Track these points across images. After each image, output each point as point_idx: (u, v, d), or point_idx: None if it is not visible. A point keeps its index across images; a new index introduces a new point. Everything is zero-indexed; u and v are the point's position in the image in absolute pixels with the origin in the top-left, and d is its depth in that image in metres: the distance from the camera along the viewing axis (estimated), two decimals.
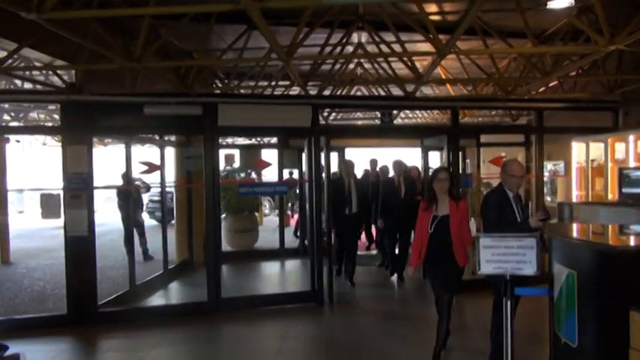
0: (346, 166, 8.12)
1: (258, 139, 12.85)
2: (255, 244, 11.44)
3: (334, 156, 9.59)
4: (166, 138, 8.89)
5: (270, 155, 11.21)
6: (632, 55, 6.57)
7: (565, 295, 2.96)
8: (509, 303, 3.26)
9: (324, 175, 7.15)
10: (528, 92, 8.61)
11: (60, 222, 17.24)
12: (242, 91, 9.01)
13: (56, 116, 12.88)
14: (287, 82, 9.42)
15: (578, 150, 7.95)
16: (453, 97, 9.32)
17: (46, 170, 18.23)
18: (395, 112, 9.90)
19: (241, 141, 12.88)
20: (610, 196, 6.82)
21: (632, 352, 2.44)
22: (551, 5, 5.01)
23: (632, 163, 6.50)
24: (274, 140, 10.88)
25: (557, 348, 3.17)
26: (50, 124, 13.12)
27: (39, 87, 7.37)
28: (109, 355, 5.43)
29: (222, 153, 10.70)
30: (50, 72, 6.45)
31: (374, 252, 9.68)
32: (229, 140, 12.35)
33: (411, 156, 10.57)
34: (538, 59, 6.83)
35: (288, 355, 5.07)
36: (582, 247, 2.96)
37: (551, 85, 8.54)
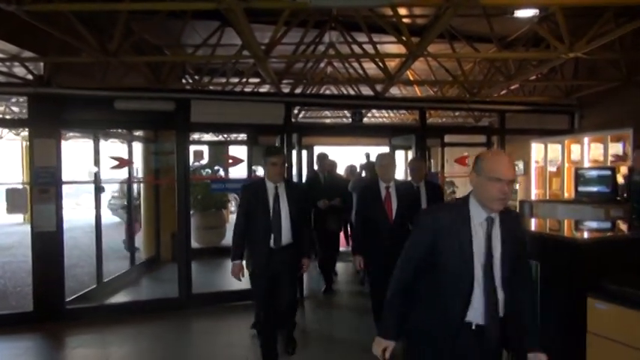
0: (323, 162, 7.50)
1: (226, 135, 12.82)
2: (222, 241, 11.43)
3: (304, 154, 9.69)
4: (134, 133, 8.78)
5: (238, 152, 11.18)
6: (588, 62, 6.97)
7: None
8: None
9: (295, 172, 7.24)
10: (491, 95, 8.98)
11: (18, 218, 16.65)
12: (211, 87, 9.00)
13: (15, 109, 12.44)
14: (257, 80, 9.49)
15: (537, 151, 8.35)
16: (421, 98, 9.60)
17: (3, 164, 17.58)
18: (364, 110, 10.09)
19: (208, 137, 12.81)
20: (566, 195, 7.20)
21: (590, 336, 2.67)
22: (517, 14, 5.28)
23: (586, 164, 6.90)
24: (243, 137, 10.87)
25: None
26: (8, 116, 12.64)
27: (0, 79, 7.17)
28: (78, 352, 5.36)
29: (191, 149, 10.62)
30: (14, 64, 6.25)
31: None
32: (195, 136, 12.26)
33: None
34: (502, 64, 7.15)
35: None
36: (545, 239, 3.19)
37: (512, 88, 8.90)
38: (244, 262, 4.28)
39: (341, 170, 8.68)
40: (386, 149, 9.36)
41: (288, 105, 6.98)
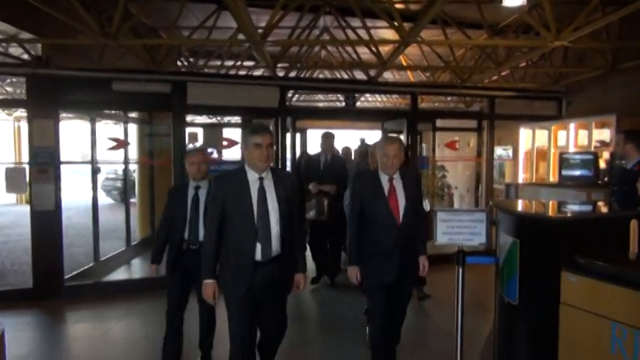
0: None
1: (219, 118, 12.91)
2: None
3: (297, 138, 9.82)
4: (129, 115, 8.86)
5: (232, 134, 11.31)
6: (576, 50, 7.14)
7: (509, 260, 3.39)
8: (461, 271, 3.65)
9: (289, 155, 7.39)
10: (482, 80, 9.15)
11: (11, 198, 16.68)
12: (207, 70, 9.07)
13: (9, 89, 12.43)
14: (252, 63, 9.58)
15: (525, 136, 8.56)
16: (413, 83, 9.75)
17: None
18: (357, 95, 10.22)
19: (201, 119, 12.90)
20: (552, 179, 7.43)
21: (563, 307, 2.88)
22: (505, 3, 5.42)
23: (571, 149, 7.11)
24: (236, 120, 10.99)
25: (501, 307, 3.60)
26: (1, 97, 12.63)
27: None
28: (78, 326, 5.55)
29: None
30: (10, 44, 6.31)
31: None
32: (189, 118, 12.32)
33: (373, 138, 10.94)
34: (492, 50, 7.29)
35: None
36: (525, 218, 3.39)
37: (502, 74, 9.07)
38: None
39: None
40: (379, 133, 9.52)
41: (283, 88, 7.12)
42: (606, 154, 6.24)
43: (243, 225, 3.01)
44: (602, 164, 6.21)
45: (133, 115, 9.03)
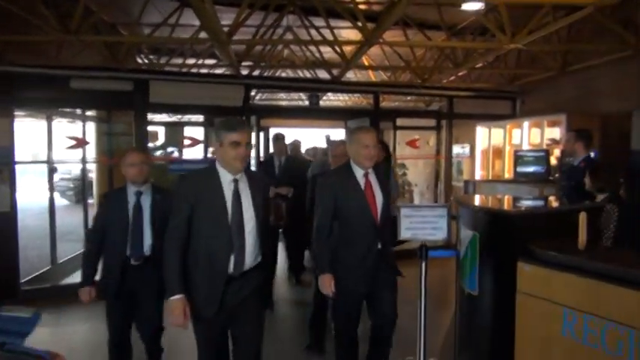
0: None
1: (180, 116, 12.73)
2: None
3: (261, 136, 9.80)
4: (87, 113, 8.63)
5: (194, 133, 11.18)
6: (529, 52, 7.48)
7: (469, 253, 3.56)
8: (424, 265, 3.78)
9: (253, 153, 7.40)
10: (441, 81, 9.42)
11: None
12: (168, 68, 8.96)
13: None
14: (214, 61, 9.52)
15: (482, 134, 8.88)
16: (375, 83, 9.93)
17: None
18: (320, 94, 10.32)
19: (162, 118, 12.68)
20: (507, 175, 7.75)
21: (519, 295, 3.06)
22: (464, 7, 5.64)
23: (525, 147, 7.45)
24: (197, 118, 10.87)
25: (462, 299, 3.78)
26: None
27: None
28: (39, 331, 5.35)
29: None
30: None
31: None
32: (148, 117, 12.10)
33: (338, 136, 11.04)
34: (451, 51, 7.54)
35: None
36: (484, 213, 3.57)
37: (460, 74, 9.37)
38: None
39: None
40: (342, 132, 9.64)
41: (247, 87, 7.12)
42: (557, 152, 6.58)
43: (215, 233, 2.60)
44: (553, 161, 6.54)
45: (91, 113, 8.81)
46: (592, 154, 4.94)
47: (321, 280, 3.11)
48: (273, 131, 11.04)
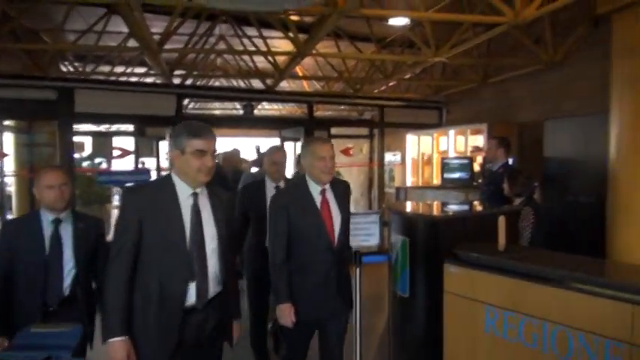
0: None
1: (108, 126, 12.25)
2: (108, 237, 10.94)
3: None
4: (5, 123, 8.11)
5: (124, 143, 10.81)
6: (453, 65, 7.91)
7: (400, 257, 3.72)
8: (358, 270, 3.89)
9: None
10: (372, 91, 9.74)
11: None
12: (95, 76, 8.60)
13: None
14: (144, 69, 9.26)
15: (411, 142, 9.26)
16: (309, 93, 10.07)
17: None
18: (254, 103, 10.31)
19: (89, 127, 12.14)
20: (436, 182, 8.13)
21: (446, 295, 3.24)
22: (391, 22, 5.89)
23: (452, 154, 7.85)
24: (127, 128, 10.52)
25: (394, 302, 3.92)
26: None
27: None
28: None
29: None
30: None
31: None
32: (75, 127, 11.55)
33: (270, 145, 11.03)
34: (380, 63, 7.82)
35: None
36: (412, 218, 3.75)
37: (390, 84, 9.73)
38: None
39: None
40: (277, 141, 9.69)
41: (179, 96, 7.01)
42: (480, 159, 7.00)
43: (171, 257, 2.16)
44: (477, 167, 6.96)
45: (9, 123, 8.28)
46: (510, 161, 5.30)
47: (280, 310, 2.80)
48: None
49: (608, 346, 2.45)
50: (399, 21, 5.84)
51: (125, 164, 10.59)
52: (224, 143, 11.17)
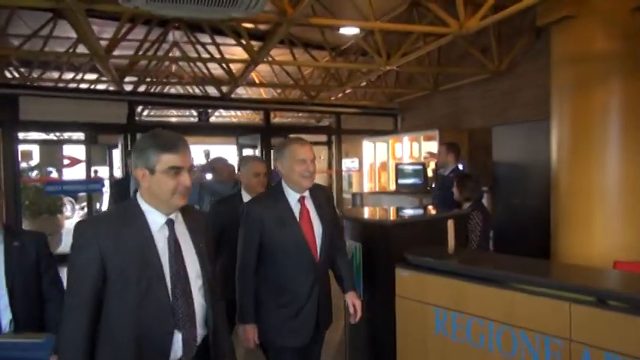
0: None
1: (59, 134, 11.83)
2: (59, 248, 10.54)
3: None
4: None
5: (74, 151, 10.47)
6: (406, 73, 8.11)
7: (354, 263, 3.76)
8: None
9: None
10: (329, 98, 9.83)
11: None
12: (43, 82, 8.30)
13: None
14: (95, 76, 9.01)
15: (368, 149, 9.39)
16: (265, 100, 10.07)
17: None
18: (210, 110, 10.20)
19: (37, 135, 11.69)
20: (392, 187, 8.27)
21: (397, 298, 3.30)
22: (342, 31, 5.98)
23: (406, 160, 8.02)
24: (79, 136, 10.20)
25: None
26: None
27: None
28: None
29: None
30: None
31: None
32: (21, 134, 11.08)
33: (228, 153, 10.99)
34: (335, 71, 7.92)
35: None
36: (364, 224, 3.80)
37: (347, 92, 9.85)
38: None
39: None
40: (233, 148, 9.63)
41: (131, 103, 6.86)
42: (432, 164, 7.19)
43: (149, 304, 1.70)
44: (430, 173, 7.13)
45: None
46: (460, 166, 5.47)
47: (243, 330, 2.50)
48: None
49: (547, 343, 2.56)
50: (349, 30, 5.95)
51: (77, 173, 10.29)
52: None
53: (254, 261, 2.54)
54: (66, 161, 7.07)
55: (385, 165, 8.80)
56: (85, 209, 11.74)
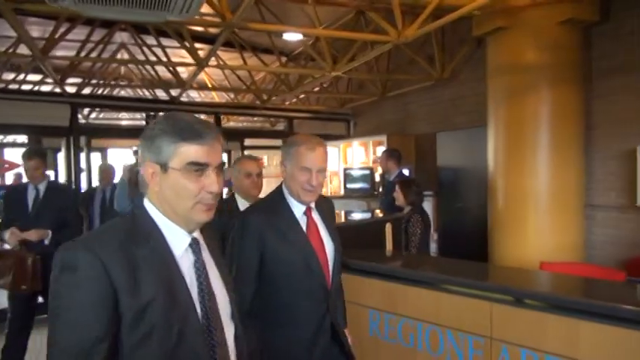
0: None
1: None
2: None
3: (97, 156, 9.22)
4: None
5: (15, 156, 10.08)
6: (357, 79, 8.23)
7: None
8: None
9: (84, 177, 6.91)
10: (283, 102, 9.85)
11: None
12: None
13: None
14: (39, 77, 8.72)
15: None
16: (216, 104, 9.96)
17: None
18: (161, 114, 10.02)
19: None
20: (343, 192, 8.38)
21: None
22: (285, 37, 6.03)
23: (357, 165, 8.14)
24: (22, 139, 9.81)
25: None
26: None
27: None
28: None
29: None
30: None
31: None
32: None
33: None
34: (285, 76, 7.95)
35: None
36: None
37: (301, 97, 9.90)
38: None
39: None
40: None
41: (74, 106, 6.67)
42: (380, 169, 7.33)
43: (181, 347, 1.23)
44: (378, 178, 7.27)
45: None
46: (405, 171, 5.61)
47: None
48: (110, 152, 10.53)
49: (471, 341, 2.67)
50: (292, 36, 6.00)
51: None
52: (127, 155, 10.77)
53: (253, 288, 2.01)
54: (4, 165, 6.75)
55: (336, 170, 8.90)
56: None
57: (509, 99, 4.77)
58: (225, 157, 10.01)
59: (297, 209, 2.08)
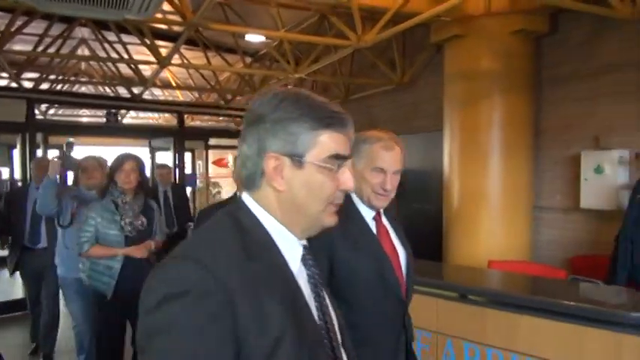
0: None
1: None
2: None
3: (55, 153, 8.97)
4: None
5: None
6: (322, 82, 8.32)
7: None
8: None
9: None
10: (247, 102, 9.86)
11: None
12: None
13: None
14: None
15: None
16: (179, 102, 9.89)
17: None
18: (123, 111, 9.88)
19: None
20: None
21: None
22: (248, 38, 6.06)
23: None
24: None
25: None
26: None
27: None
28: None
29: None
30: None
31: None
32: None
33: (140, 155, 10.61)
34: (249, 77, 7.98)
35: None
36: None
37: None
38: None
39: None
40: (146, 150, 9.36)
41: (30, 102, 6.50)
42: None
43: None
44: None
45: None
46: None
47: None
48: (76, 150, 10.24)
49: (419, 336, 2.79)
50: (254, 37, 6.04)
51: None
52: (90, 151, 10.51)
53: None
54: None
55: None
56: None
57: (464, 104, 4.95)
58: (188, 156, 9.94)
59: (366, 214, 1.80)
